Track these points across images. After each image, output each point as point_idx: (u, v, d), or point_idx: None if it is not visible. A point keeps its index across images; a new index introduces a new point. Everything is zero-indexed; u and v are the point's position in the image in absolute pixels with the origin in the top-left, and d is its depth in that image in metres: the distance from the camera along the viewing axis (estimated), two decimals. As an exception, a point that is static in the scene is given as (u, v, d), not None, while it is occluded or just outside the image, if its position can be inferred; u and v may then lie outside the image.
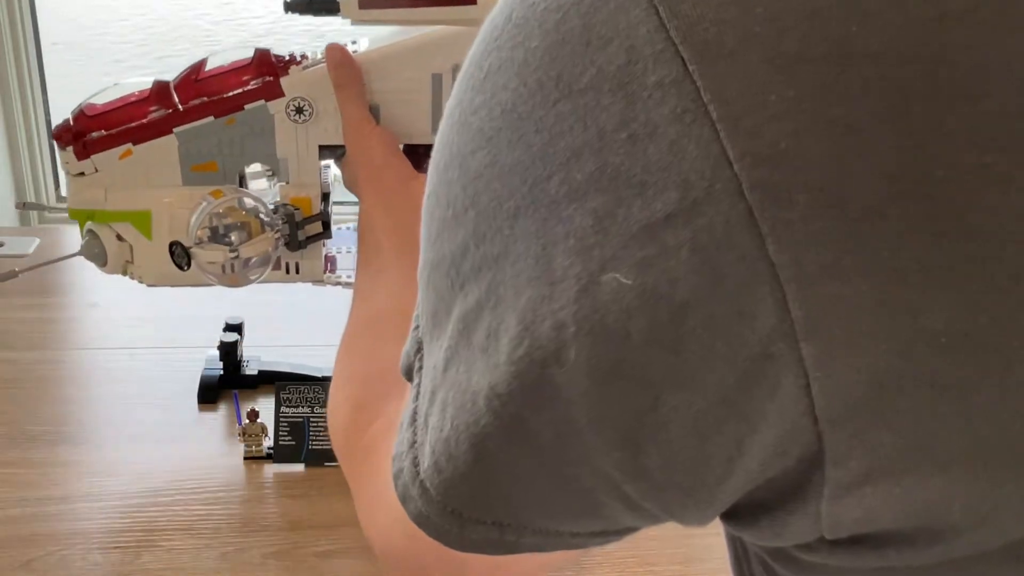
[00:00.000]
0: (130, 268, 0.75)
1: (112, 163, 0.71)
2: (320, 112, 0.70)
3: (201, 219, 0.68)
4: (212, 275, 0.71)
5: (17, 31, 1.78)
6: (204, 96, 0.70)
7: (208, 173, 0.71)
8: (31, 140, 1.86)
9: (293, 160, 0.72)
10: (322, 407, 0.81)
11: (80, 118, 0.72)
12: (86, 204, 0.73)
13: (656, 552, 0.75)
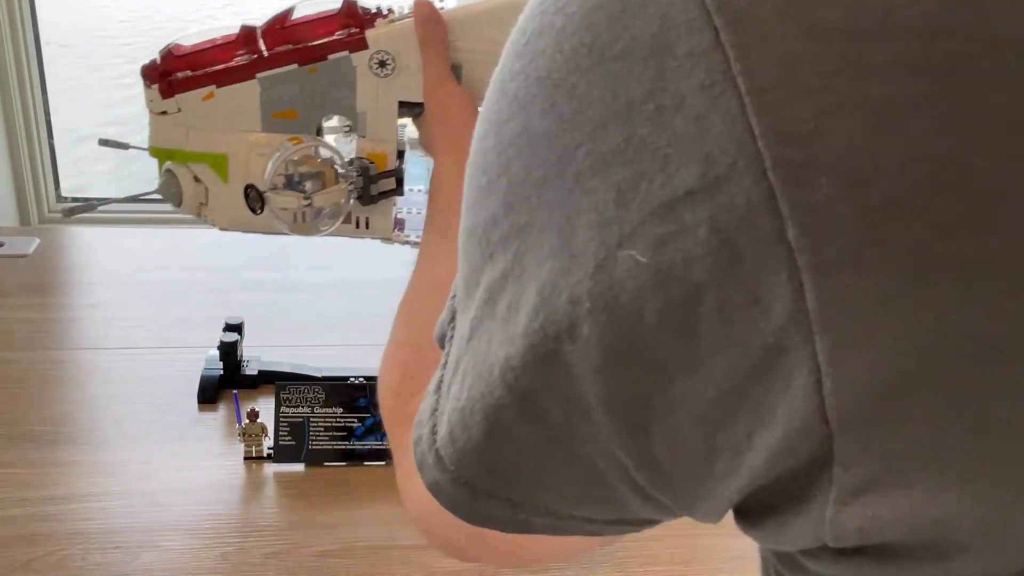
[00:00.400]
0: (203, 210, 0.75)
1: (195, 104, 0.71)
2: (402, 67, 0.70)
3: (278, 164, 0.68)
4: (284, 222, 0.70)
5: (17, 31, 1.78)
6: (289, 43, 0.70)
7: (288, 121, 0.71)
8: (31, 140, 1.86)
9: (372, 114, 0.72)
10: (322, 407, 0.81)
11: (167, 57, 0.72)
12: (167, 143, 0.73)
13: (656, 552, 0.75)
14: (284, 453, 0.81)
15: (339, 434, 0.82)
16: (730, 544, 0.76)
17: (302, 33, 0.71)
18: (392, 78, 0.70)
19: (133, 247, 1.30)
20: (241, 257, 1.28)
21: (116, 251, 1.28)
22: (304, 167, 0.68)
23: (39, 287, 1.12)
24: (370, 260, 1.28)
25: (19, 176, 1.86)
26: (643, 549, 0.75)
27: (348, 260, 1.28)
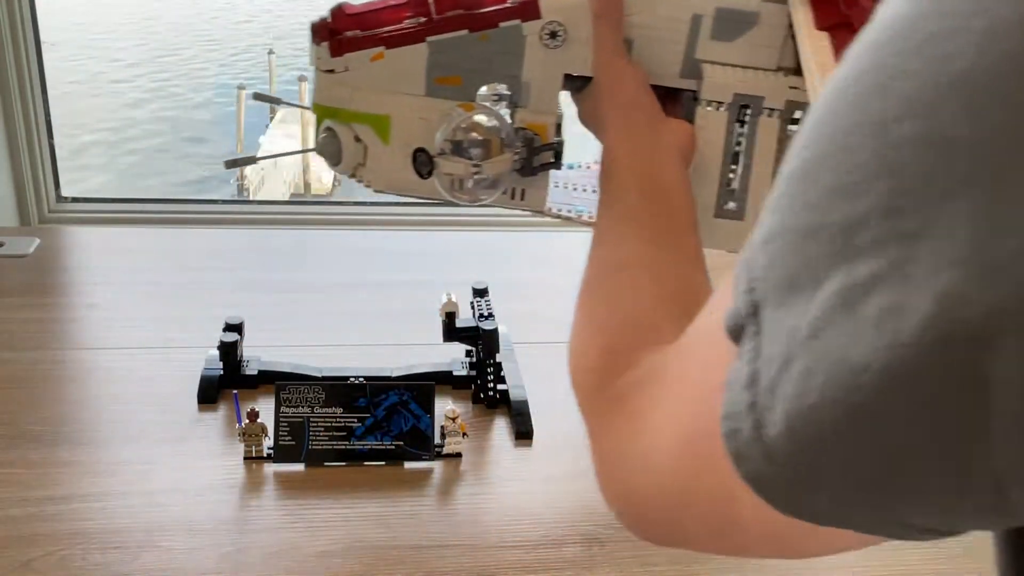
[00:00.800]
0: (360, 171, 0.75)
1: (362, 64, 0.71)
2: (572, 39, 0.69)
3: (448, 130, 0.68)
4: (446, 188, 0.70)
5: (17, 31, 1.78)
6: (461, 9, 0.70)
7: (451, 87, 0.71)
8: (31, 140, 1.86)
9: (536, 85, 0.71)
10: (322, 407, 0.81)
11: (338, 15, 0.71)
12: (332, 101, 0.73)
13: (656, 552, 0.75)
14: (284, 453, 0.81)
15: (339, 434, 0.82)
16: (730, 544, 0.76)
17: (477, 1, 0.70)
18: (561, 50, 0.70)
19: (133, 247, 1.30)
20: (241, 257, 1.28)
21: (116, 251, 1.28)
22: (473, 134, 0.68)
23: (39, 287, 1.13)
24: (370, 260, 1.28)
25: (19, 176, 1.86)
26: (643, 549, 0.75)
27: (348, 260, 1.28)
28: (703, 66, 0.69)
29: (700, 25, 0.69)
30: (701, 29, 0.69)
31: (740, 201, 0.72)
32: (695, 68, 0.70)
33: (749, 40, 0.69)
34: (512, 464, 0.85)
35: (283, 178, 13.67)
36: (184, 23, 19.42)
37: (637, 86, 0.65)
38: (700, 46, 0.69)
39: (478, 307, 0.94)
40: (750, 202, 0.71)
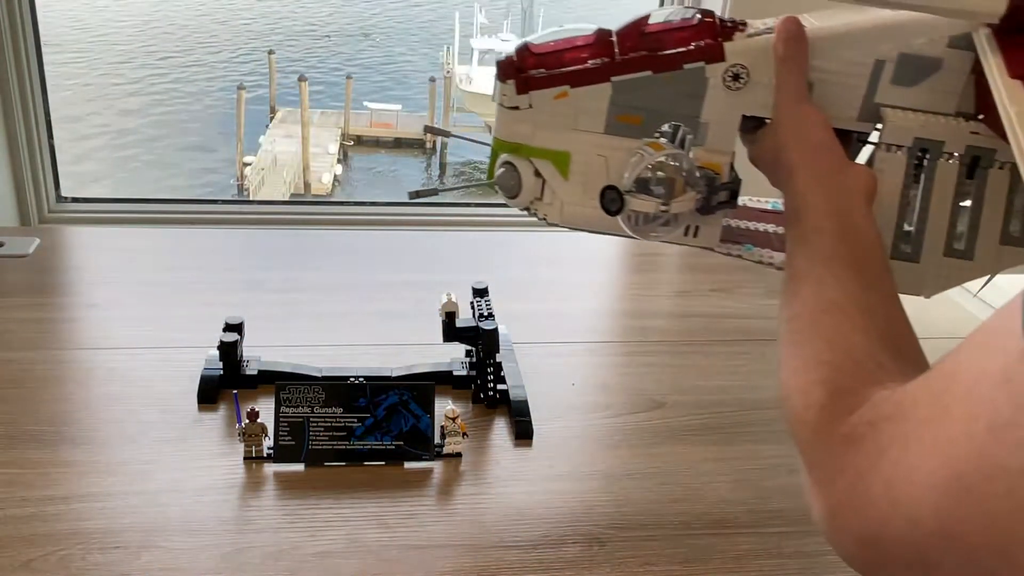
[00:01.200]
0: (536, 204, 0.77)
1: (546, 102, 0.73)
2: (755, 82, 0.70)
3: (639, 169, 0.69)
4: (630, 224, 0.71)
5: (17, 31, 1.78)
6: (645, 50, 0.71)
7: (631, 125, 0.72)
8: (31, 140, 1.85)
9: (714, 125, 0.72)
10: (322, 407, 0.81)
11: (524, 54, 0.73)
12: (514, 137, 0.75)
13: (655, 552, 0.75)
14: (284, 453, 0.81)
15: (339, 434, 0.82)
16: (730, 544, 0.76)
17: (659, 40, 0.72)
18: (743, 92, 0.71)
19: (133, 247, 1.30)
20: (241, 257, 1.28)
21: (116, 251, 1.28)
22: (661, 173, 0.69)
23: (39, 287, 1.13)
24: (370, 260, 1.28)
25: (19, 176, 1.86)
26: (642, 549, 0.75)
27: (348, 260, 1.28)
28: (884, 110, 0.71)
29: (882, 70, 0.70)
30: (883, 74, 0.70)
31: (916, 244, 0.72)
32: (873, 111, 0.71)
33: (930, 85, 0.70)
34: (512, 464, 0.85)
35: (283, 178, 13.67)
36: (184, 23, 19.42)
37: (823, 130, 0.66)
38: (881, 90, 0.71)
39: (478, 307, 0.94)
40: (926, 245, 0.72)
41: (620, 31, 0.73)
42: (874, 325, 0.54)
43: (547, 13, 19.16)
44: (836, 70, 0.70)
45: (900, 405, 0.44)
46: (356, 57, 19.02)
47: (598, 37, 0.73)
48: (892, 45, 0.69)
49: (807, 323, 0.57)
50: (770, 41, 0.70)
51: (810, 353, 0.55)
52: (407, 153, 15.70)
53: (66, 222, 1.94)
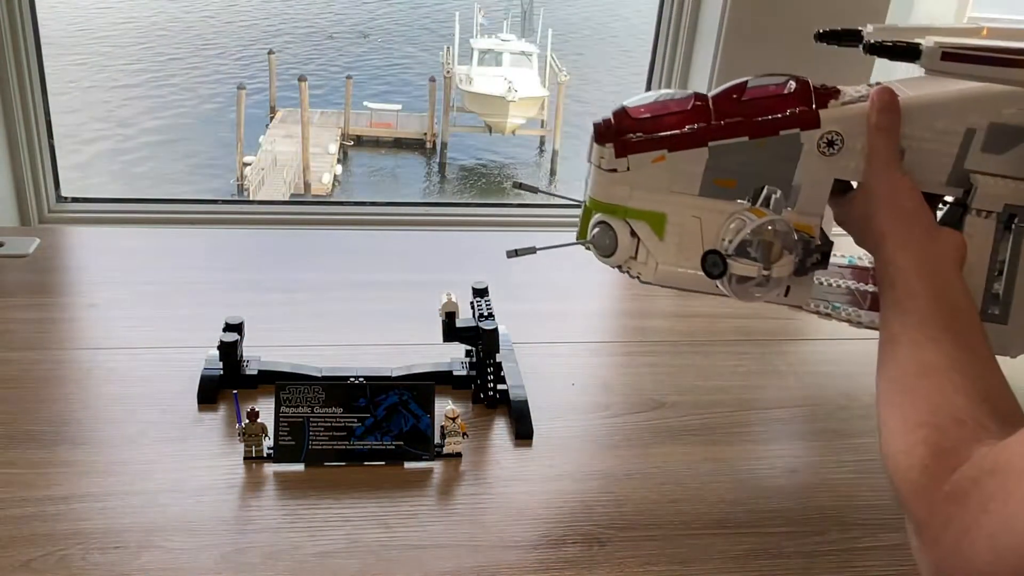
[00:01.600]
0: (631, 263, 0.79)
1: (644, 165, 0.75)
2: (848, 148, 0.73)
3: (742, 235, 0.71)
4: (730, 287, 0.73)
5: (17, 31, 1.78)
6: (742, 116, 0.74)
7: (726, 188, 0.75)
8: (31, 140, 1.85)
9: (806, 188, 0.75)
10: (322, 407, 0.81)
11: (623, 119, 0.75)
12: (611, 199, 0.76)
13: (655, 552, 0.75)
14: (284, 453, 0.81)
15: (339, 434, 0.82)
16: (730, 544, 0.76)
17: (756, 107, 0.74)
18: (836, 157, 0.73)
19: (133, 247, 1.30)
20: (241, 257, 1.28)
21: (116, 251, 1.28)
22: (761, 237, 0.71)
23: (39, 287, 1.13)
24: (370, 260, 1.28)
25: (19, 176, 1.86)
26: (641, 549, 0.75)
27: (348, 260, 1.28)
28: (974, 176, 0.73)
29: (973, 138, 0.72)
30: (973, 141, 0.72)
31: (1004, 306, 0.75)
32: (962, 177, 0.73)
33: (1019, 152, 0.72)
34: (512, 464, 0.85)
35: (283, 178, 13.67)
36: (185, 23, 19.42)
37: (914, 196, 0.69)
38: (970, 157, 0.73)
39: (478, 307, 0.94)
40: (1013, 306, 0.75)
41: (716, 96, 0.75)
42: (972, 385, 0.56)
43: (547, 13, 19.17)
44: (928, 138, 0.73)
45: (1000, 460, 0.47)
46: (357, 58, 19.02)
47: (696, 102, 0.75)
48: (983, 115, 0.71)
49: (906, 385, 0.59)
50: (864, 110, 0.72)
51: (911, 414, 0.57)
52: (407, 153, 15.70)
53: (66, 222, 1.94)
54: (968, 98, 0.72)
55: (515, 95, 15.60)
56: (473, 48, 17.23)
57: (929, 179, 0.74)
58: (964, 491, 0.49)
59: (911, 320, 0.63)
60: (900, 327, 0.63)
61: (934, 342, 0.60)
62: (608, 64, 18.75)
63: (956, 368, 0.58)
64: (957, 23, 2.75)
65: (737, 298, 0.74)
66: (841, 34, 0.76)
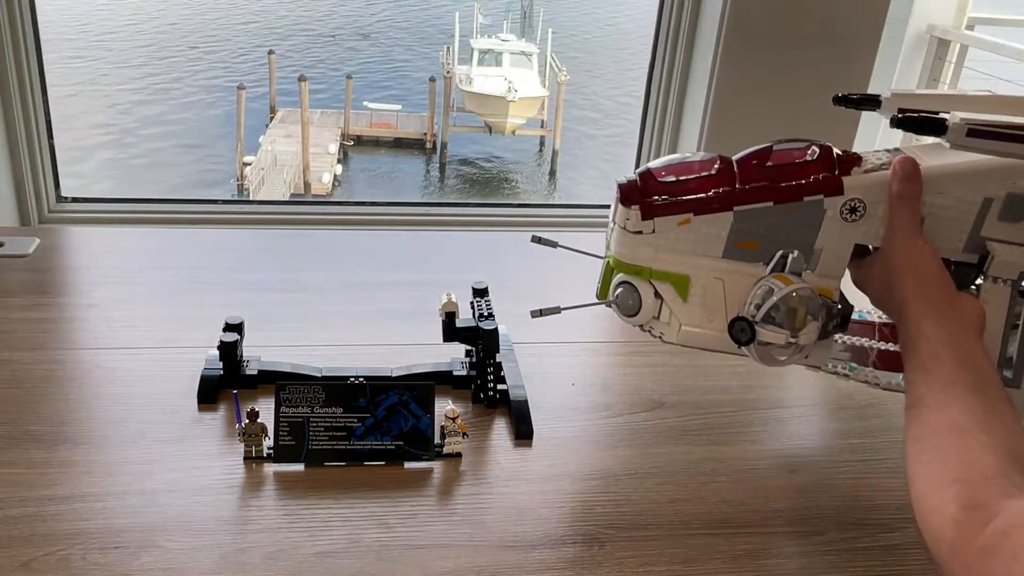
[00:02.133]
0: (652, 323, 0.80)
1: (670, 228, 0.76)
2: (870, 215, 0.75)
3: (770, 302, 0.73)
4: (756, 351, 0.75)
5: (17, 31, 1.78)
6: (767, 181, 0.75)
7: (749, 251, 0.76)
8: (31, 140, 1.86)
9: (827, 253, 0.76)
10: (322, 407, 0.81)
11: (648, 181, 0.77)
12: (635, 260, 0.78)
13: (655, 552, 0.75)
14: (284, 453, 0.81)
15: (339, 434, 0.82)
16: (730, 544, 0.76)
17: (780, 173, 0.75)
18: (858, 223, 0.75)
19: (133, 247, 1.30)
20: (241, 257, 1.28)
21: (116, 251, 1.28)
22: (788, 304, 0.73)
23: (39, 287, 1.13)
24: (370, 260, 1.28)
25: (19, 176, 1.86)
26: (642, 549, 0.75)
27: (348, 260, 1.28)
28: (991, 244, 0.75)
29: (990, 207, 0.74)
30: (991, 210, 0.74)
31: (1017, 369, 0.77)
32: (979, 244, 0.76)
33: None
34: (512, 464, 0.85)
35: (283, 178, 13.66)
36: (184, 23, 19.41)
37: (935, 264, 0.71)
38: (987, 225, 0.75)
39: (478, 307, 0.94)
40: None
41: (741, 160, 0.77)
42: (999, 444, 0.58)
43: (547, 13, 19.17)
44: (947, 206, 0.75)
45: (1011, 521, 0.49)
46: (357, 59, 19.01)
47: (721, 166, 0.76)
48: (1000, 185, 0.73)
49: (934, 445, 0.61)
50: (886, 178, 0.74)
51: (940, 472, 0.59)
52: (407, 153, 15.70)
53: (66, 222, 1.94)
54: (987, 169, 0.73)
55: (515, 95, 15.60)
56: (473, 48, 17.23)
57: (947, 245, 0.76)
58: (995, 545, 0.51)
59: (936, 383, 0.65)
60: (926, 389, 0.65)
61: (960, 403, 0.62)
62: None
63: (983, 428, 0.60)
64: (957, 25, 2.74)
65: (761, 362, 0.76)
66: (858, 100, 0.77)
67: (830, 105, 0.81)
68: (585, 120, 16.77)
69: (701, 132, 1.93)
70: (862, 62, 1.89)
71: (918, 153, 0.76)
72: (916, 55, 2.80)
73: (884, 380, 0.84)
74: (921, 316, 0.68)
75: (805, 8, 1.84)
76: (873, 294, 0.77)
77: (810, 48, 1.86)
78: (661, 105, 2.05)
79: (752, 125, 1.91)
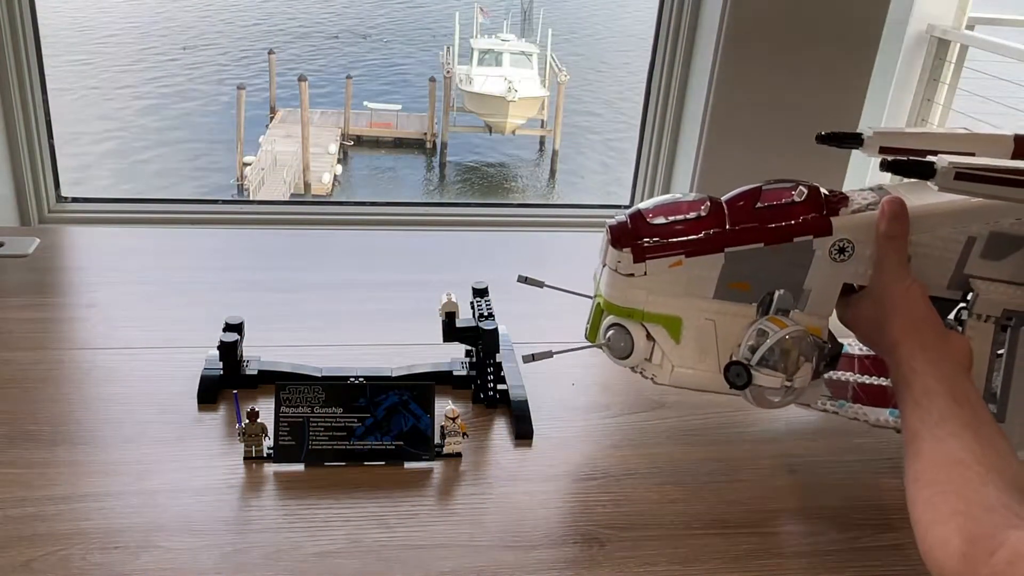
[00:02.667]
0: (644, 365, 0.81)
1: (661, 270, 0.77)
2: (859, 255, 0.76)
3: (766, 346, 0.74)
4: (752, 395, 0.76)
5: (17, 31, 1.78)
6: (757, 222, 0.76)
7: (740, 291, 0.77)
8: (31, 140, 1.86)
9: (816, 292, 0.77)
10: (322, 407, 0.81)
11: (639, 223, 0.78)
12: (627, 302, 0.79)
13: (655, 552, 0.75)
14: (284, 453, 0.81)
15: (339, 434, 0.82)
16: (730, 544, 0.76)
17: (771, 215, 0.76)
18: (846, 263, 0.76)
19: (133, 247, 1.30)
20: (241, 257, 1.28)
21: (116, 251, 1.28)
22: (782, 347, 0.74)
23: (39, 287, 1.13)
24: (370, 260, 1.28)
25: (19, 176, 1.86)
26: (642, 549, 0.75)
27: (348, 260, 1.28)
28: (975, 282, 0.77)
29: (973, 245, 0.76)
30: (974, 248, 0.76)
31: (1001, 404, 0.78)
32: (963, 281, 0.78)
33: (1015, 259, 0.77)
34: (512, 464, 0.85)
35: (283, 178, 13.66)
36: (185, 23, 19.41)
37: (925, 303, 0.72)
38: (971, 263, 0.77)
39: (478, 307, 0.94)
40: (1010, 405, 0.78)
41: (730, 201, 0.77)
42: (998, 476, 0.59)
43: (547, 13, 19.16)
44: (932, 244, 0.76)
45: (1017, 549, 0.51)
46: (360, 59, 19.01)
47: (712, 208, 0.77)
48: (983, 224, 0.75)
49: (934, 479, 0.62)
50: (874, 218, 0.75)
51: (942, 507, 0.60)
52: (407, 153, 15.70)
53: (66, 222, 1.94)
54: (970, 209, 0.75)
55: (515, 95, 15.60)
56: (473, 48, 17.23)
57: (932, 282, 0.77)
58: (1002, 574, 0.52)
59: (931, 419, 0.65)
60: (920, 424, 0.66)
61: (956, 438, 0.63)
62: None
63: (980, 461, 0.61)
64: (957, 25, 2.74)
65: (755, 404, 0.76)
66: (842, 137, 0.78)
67: (829, 106, 0.83)
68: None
69: (701, 132, 1.93)
70: (862, 62, 1.89)
71: (904, 192, 0.78)
72: (916, 55, 2.80)
73: (872, 417, 0.85)
74: (913, 354, 0.69)
75: (805, 8, 1.83)
76: (861, 333, 0.78)
77: (810, 48, 1.86)
78: (661, 105, 2.05)
79: (752, 125, 1.91)
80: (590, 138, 16.25)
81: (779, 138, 1.91)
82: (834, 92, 1.88)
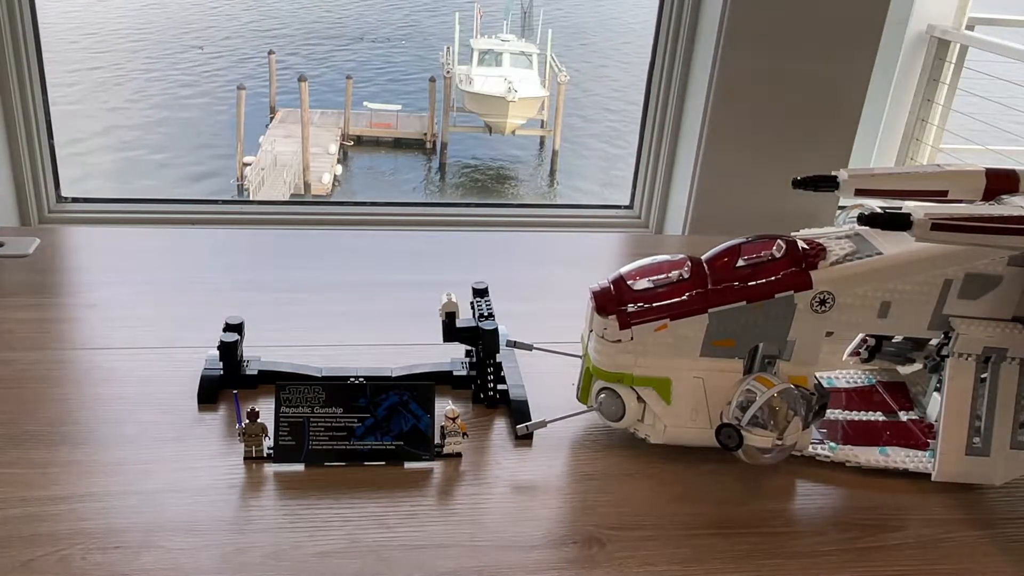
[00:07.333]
0: (637, 426, 0.83)
1: (647, 334, 0.79)
2: (839, 305, 0.78)
3: (755, 407, 0.76)
4: (747, 454, 0.78)
5: (17, 31, 1.78)
6: (738, 281, 0.78)
7: (725, 347, 0.79)
8: (31, 140, 1.86)
9: (800, 343, 0.79)
10: (322, 407, 0.81)
11: (623, 289, 0.80)
12: (616, 368, 0.81)
13: (655, 552, 0.75)
14: (284, 453, 0.81)
15: (339, 434, 0.82)
16: (730, 544, 0.76)
17: (751, 273, 0.78)
18: (828, 314, 0.78)
19: (133, 247, 1.30)
20: (241, 257, 1.28)
21: (116, 251, 1.28)
22: (771, 405, 0.76)
23: (39, 287, 1.13)
24: (370, 260, 1.28)
25: (19, 176, 1.86)
26: (642, 549, 0.75)
27: (348, 260, 1.28)
28: (954, 321, 0.79)
29: (950, 287, 0.78)
30: (951, 290, 0.78)
31: (985, 440, 0.80)
32: (942, 321, 0.80)
33: (991, 297, 0.79)
34: (512, 464, 0.85)
35: (283, 178, 13.66)
36: (185, 24, 19.42)
37: None
38: (949, 303, 0.79)
39: (478, 307, 0.94)
40: (994, 439, 0.80)
41: (711, 260, 0.79)
42: None
43: (546, 13, 19.17)
44: (910, 289, 0.78)
45: None
46: (360, 60, 19.02)
47: (693, 269, 0.79)
48: (959, 267, 0.78)
49: None
50: (852, 270, 0.77)
51: None
52: (407, 153, 15.70)
53: (66, 222, 1.94)
54: (945, 253, 0.77)
55: (515, 95, 15.59)
56: (473, 48, 17.22)
57: (912, 325, 0.80)
58: None
59: None
60: None
61: None
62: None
63: None
64: (957, 25, 2.74)
65: (748, 462, 0.78)
66: (817, 180, 0.80)
67: (828, 107, 0.84)
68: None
69: (701, 132, 1.93)
70: (862, 63, 1.89)
71: (880, 239, 0.80)
72: (916, 55, 2.80)
73: (863, 458, 0.85)
74: None
75: (805, 8, 1.84)
76: None
77: (810, 48, 1.86)
78: (661, 105, 2.05)
79: (752, 125, 1.91)
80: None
81: (779, 138, 1.91)
82: (834, 92, 1.88)
